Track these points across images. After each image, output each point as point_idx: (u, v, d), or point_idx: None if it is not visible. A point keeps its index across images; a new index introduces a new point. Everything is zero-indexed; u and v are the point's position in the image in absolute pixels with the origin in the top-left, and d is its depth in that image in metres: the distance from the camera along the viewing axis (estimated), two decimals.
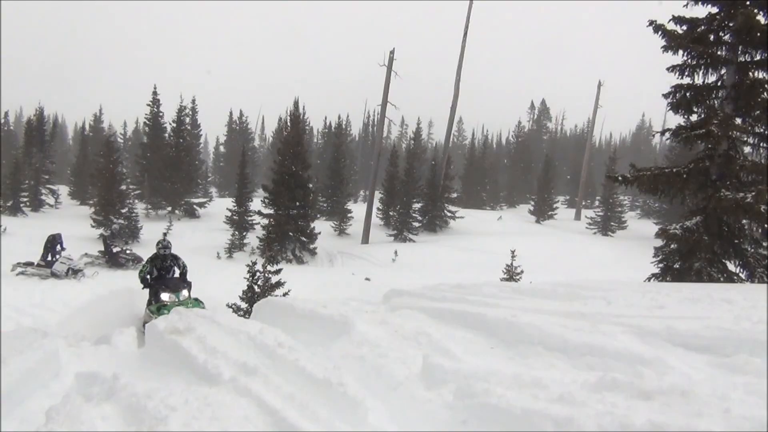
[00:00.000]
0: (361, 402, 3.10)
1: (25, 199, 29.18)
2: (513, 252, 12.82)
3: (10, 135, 47.88)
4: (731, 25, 9.52)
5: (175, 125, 32.61)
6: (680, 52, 9.87)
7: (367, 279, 16.99)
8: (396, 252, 22.60)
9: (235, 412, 2.97)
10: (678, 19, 9.87)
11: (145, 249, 17.98)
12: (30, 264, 13.85)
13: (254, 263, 9.91)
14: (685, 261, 9.66)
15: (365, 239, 26.99)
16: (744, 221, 9.23)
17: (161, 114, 33.38)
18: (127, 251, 16.69)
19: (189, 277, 9.84)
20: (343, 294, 6.50)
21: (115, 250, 16.50)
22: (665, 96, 10.28)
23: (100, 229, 22.53)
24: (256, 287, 9.71)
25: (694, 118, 10.17)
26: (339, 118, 54.70)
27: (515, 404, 2.75)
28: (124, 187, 26.12)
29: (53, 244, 14.29)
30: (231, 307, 9.45)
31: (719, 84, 9.86)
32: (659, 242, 10.45)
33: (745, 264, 9.34)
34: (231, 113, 53.49)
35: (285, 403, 3.06)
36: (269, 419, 2.94)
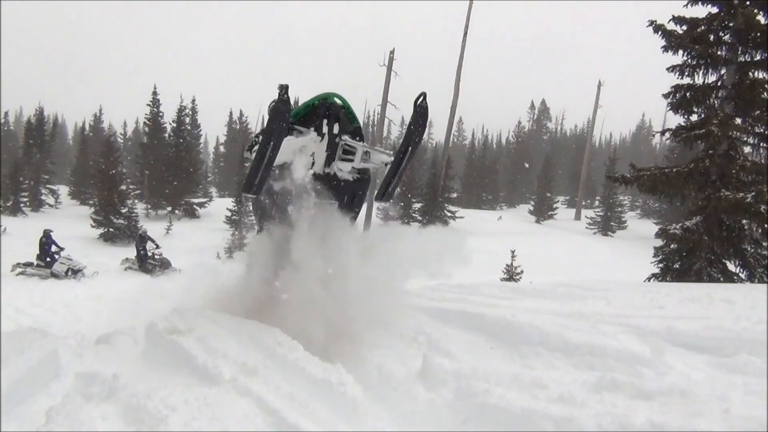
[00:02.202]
0: (361, 402, 3.10)
1: (25, 199, 29.16)
2: (513, 252, 12.82)
3: (10, 135, 47.88)
4: (731, 25, 9.52)
5: (175, 125, 32.60)
6: (680, 52, 9.89)
7: None
8: None
9: (235, 412, 2.97)
10: (678, 19, 9.88)
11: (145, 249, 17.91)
12: (30, 264, 13.86)
13: None
14: (685, 261, 9.66)
15: None
16: (744, 221, 9.24)
17: (161, 114, 33.37)
18: (156, 256, 16.00)
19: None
20: None
21: (149, 253, 15.94)
22: (665, 96, 10.29)
23: (101, 229, 22.52)
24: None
25: (694, 118, 10.18)
26: None
27: (515, 404, 2.75)
28: (124, 187, 26.10)
29: (47, 241, 14.30)
30: None
31: (719, 84, 9.86)
32: (659, 242, 10.46)
33: (745, 264, 9.34)
34: (231, 113, 53.49)
35: (285, 403, 3.06)
36: (269, 419, 2.94)
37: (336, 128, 4.53)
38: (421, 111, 4.54)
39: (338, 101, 4.63)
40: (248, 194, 3.92)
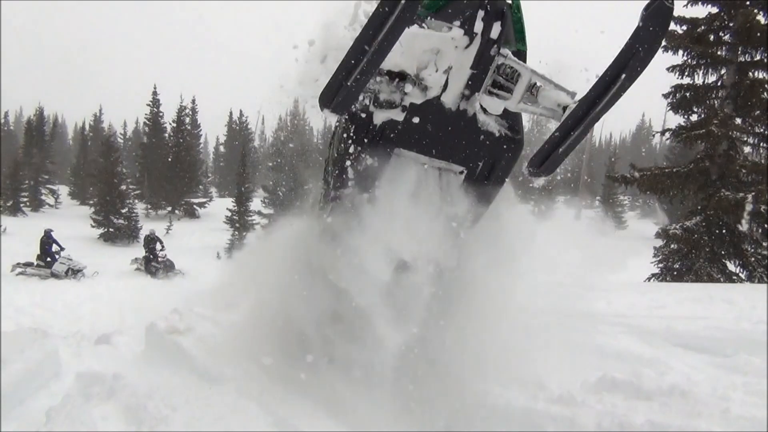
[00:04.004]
0: (361, 401, 3.09)
1: (25, 199, 29.17)
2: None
3: (10, 135, 47.89)
4: (731, 25, 9.53)
5: (175, 125, 32.62)
6: (680, 52, 9.90)
7: None
8: None
9: (236, 412, 2.97)
10: (678, 19, 9.89)
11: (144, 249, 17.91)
12: (30, 264, 13.86)
13: None
14: (685, 261, 9.67)
15: None
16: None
17: (161, 114, 33.40)
18: (160, 258, 15.66)
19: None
20: None
21: (158, 254, 15.65)
22: (665, 96, 10.30)
23: (101, 229, 22.53)
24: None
25: (694, 118, 10.19)
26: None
27: (515, 404, 2.75)
28: (124, 187, 26.12)
29: (48, 241, 14.31)
30: None
31: (719, 84, 9.87)
32: (659, 242, 10.47)
33: (745, 264, 9.35)
34: (231, 113, 53.49)
35: (285, 403, 3.06)
36: (269, 419, 2.94)
37: (496, 32, 2.71)
38: (657, 15, 2.49)
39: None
40: (326, 108, 2.45)
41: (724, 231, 9.39)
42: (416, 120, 2.87)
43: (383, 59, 2.38)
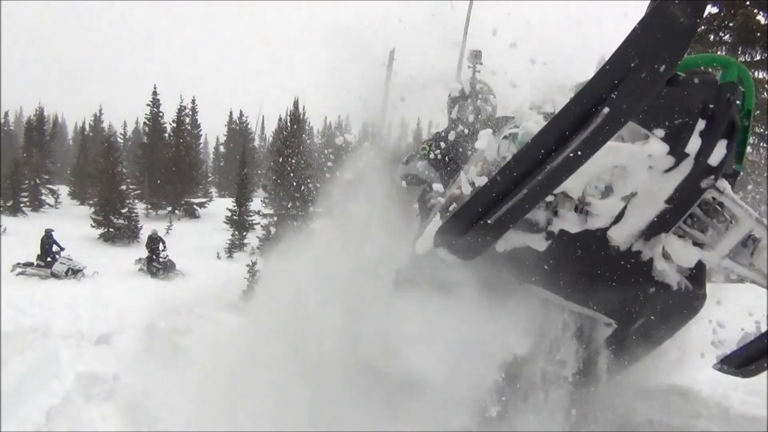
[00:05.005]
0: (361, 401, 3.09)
1: (25, 199, 29.14)
2: None
3: (10, 135, 47.90)
4: (731, 25, 9.53)
5: (175, 125, 32.64)
6: None
7: None
8: None
9: (238, 413, 2.97)
10: None
11: (145, 250, 17.93)
12: (30, 264, 13.87)
13: (254, 263, 9.94)
14: None
15: None
16: None
17: (161, 114, 33.39)
18: (161, 259, 15.71)
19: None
20: None
21: (161, 255, 15.81)
22: None
23: (101, 229, 22.53)
24: (256, 287, 9.71)
25: None
26: (339, 118, 54.74)
27: None
28: (124, 187, 26.13)
29: (49, 241, 14.33)
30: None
31: None
32: None
33: None
34: (231, 113, 53.48)
35: (285, 405, 3.05)
36: (268, 421, 2.93)
37: (719, 156, 1.85)
38: None
39: (741, 90, 2.01)
40: (443, 248, 1.73)
41: None
42: (564, 253, 1.98)
43: (562, 181, 1.53)
